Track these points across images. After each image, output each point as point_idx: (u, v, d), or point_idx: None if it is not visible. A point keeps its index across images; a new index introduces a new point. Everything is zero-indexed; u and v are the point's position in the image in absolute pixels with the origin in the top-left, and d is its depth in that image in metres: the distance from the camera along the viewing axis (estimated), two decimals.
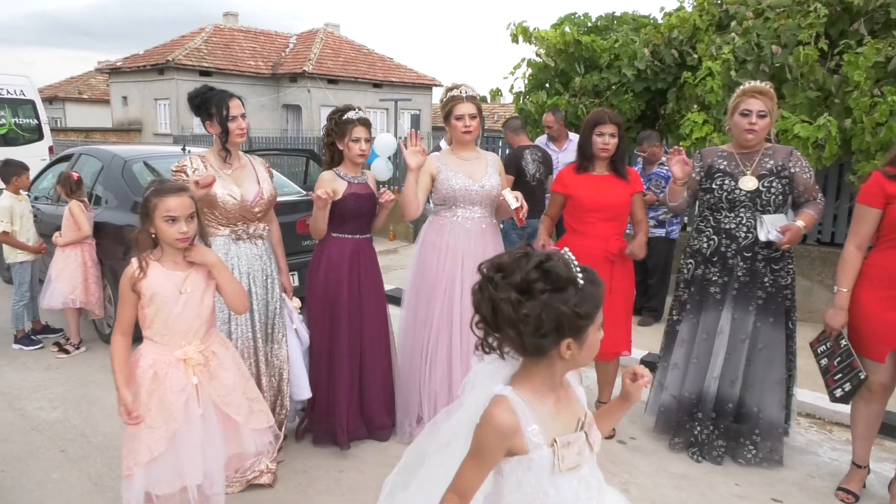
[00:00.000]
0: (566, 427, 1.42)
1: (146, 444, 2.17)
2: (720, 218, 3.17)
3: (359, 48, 26.15)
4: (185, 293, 2.25)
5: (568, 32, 7.03)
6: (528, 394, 1.38)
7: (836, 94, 5.14)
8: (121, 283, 2.24)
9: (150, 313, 2.22)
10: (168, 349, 2.24)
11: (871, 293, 2.72)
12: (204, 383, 2.27)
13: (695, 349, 3.27)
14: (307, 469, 3.16)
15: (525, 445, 1.35)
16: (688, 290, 3.32)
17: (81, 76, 31.70)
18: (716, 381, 3.18)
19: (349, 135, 3.17)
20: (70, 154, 5.89)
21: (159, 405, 2.19)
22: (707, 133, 5.59)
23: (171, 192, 2.22)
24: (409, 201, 3.20)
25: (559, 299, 1.29)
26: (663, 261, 5.43)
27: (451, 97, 3.23)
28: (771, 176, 3.07)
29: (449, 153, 3.35)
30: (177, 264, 2.27)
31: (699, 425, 3.28)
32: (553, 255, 1.34)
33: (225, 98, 2.92)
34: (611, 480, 3.09)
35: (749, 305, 3.13)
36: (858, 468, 2.97)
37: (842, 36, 5.24)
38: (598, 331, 1.38)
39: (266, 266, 3.07)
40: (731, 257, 3.15)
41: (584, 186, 3.36)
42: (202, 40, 23.25)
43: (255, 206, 2.99)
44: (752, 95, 3.04)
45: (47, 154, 9.55)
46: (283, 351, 3.12)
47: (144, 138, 23.32)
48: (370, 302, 3.32)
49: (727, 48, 5.57)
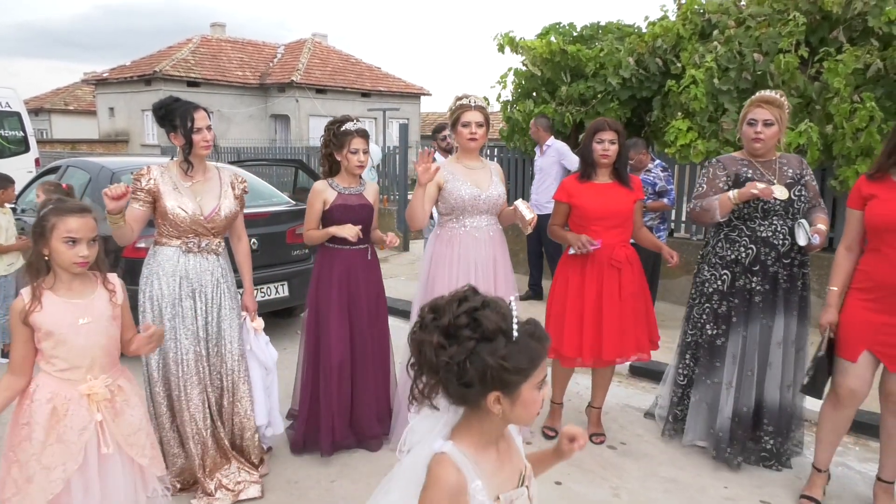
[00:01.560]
0: (508, 482, 1.37)
1: (40, 486, 1.98)
2: (754, 227, 3.16)
3: (347, 58, 26.21)
4: (85, 322, 2.04)
5: (553, 42, 7.11)
6: (469, 448, 1.32)
7: (816, 101, 5.24)
8: (11, 320, 2.03)
9: (48, 347, 2.01)
10: (70, 383, 2.03)
11: (853, 294, 2.80)
12: (108, 421, 2.07)
13: (746, 362, 3.21)
14: (298, 479, 3.16)
15: (467, 502, 1.29)
16: (726, 301, 3.23)
17: (68, 87, 31.51)
18: (789, 389, 3.23)
19: (348, 146, 3.19)
20: (57, 166, 5.86)
21: (57, 443, 1.99)
22: (691, 140, 5.67)
23: (74, 212, 2.01)
24: (417, 213, 3.18)
25: (486, 349, 1.24)
26: (651, 267, 5.47)
27: (460, 105, 3.26)
28: (796, 184, 3.15)
29: (454, 162, 3.36)
30: (72, 291, 2.05)
31: (770, 438, 3.28)
32: (492, 302, 1.29)
33: (190, 109, 2.84)
34: (601, 485, 3.14)
35: (793, 311, 3.19)
36: (819, 472, 3.00)
37: (821, 43, 5.35)
38: (535, 389, 1.30)
39: (218, 282, 2.96)
40: (771, 265, 3.15)
41: (588, 195, 3.36)
42: (189, 51, 23.21)
43: (208, 222, 2.91)
44: (759, 105, 3.09)
45: (33, 166, 9.48)
46: (240, 372, 3.02)
47: (131, 150, 23.20)
48: (365, 313, 3.31)
49: (710, 56, 5.65)
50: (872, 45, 5.03)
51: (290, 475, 3.19)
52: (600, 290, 3.34)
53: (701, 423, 3.40)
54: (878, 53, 4.99)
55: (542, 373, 1.30)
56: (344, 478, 3.17)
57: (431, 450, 1.32)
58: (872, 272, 2.72)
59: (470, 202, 3.24)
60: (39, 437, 2.00)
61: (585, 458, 3.42)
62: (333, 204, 3.22)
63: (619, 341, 3.35)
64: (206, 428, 2.93)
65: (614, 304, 3.35)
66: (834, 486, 3.11)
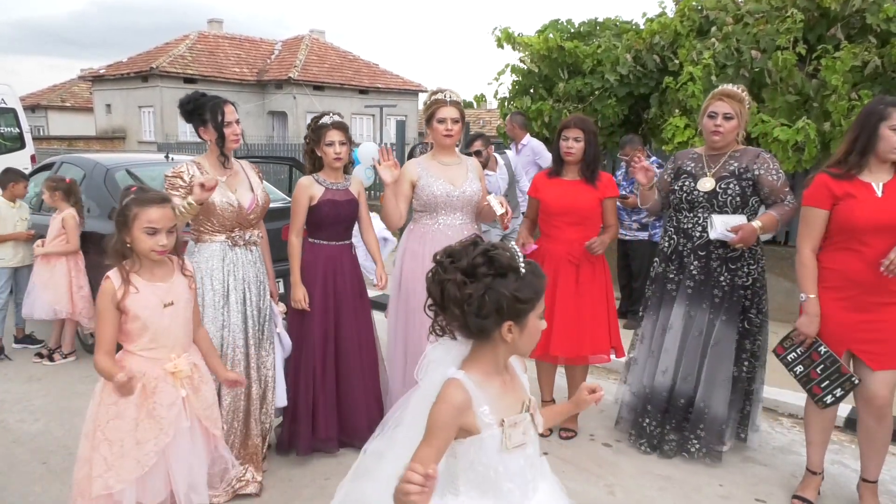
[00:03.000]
0: (512, 408, 1.53)
1: (135, 458, 2.11)
2: (680, 218, 3.27)
3: (344, 54, 26.15)
4: (169, 304, 2.18)
5: (551, 38, 7.08)
6: (477, 376, 1.49)
7: (814, 98, 5.22)
8: (98, 302, 2.15)
9: (136, 329, 2.15)
10: (155, 362, 2.17)
11: (825, 294, 2.73)
12: (190, 396, 2.22)
13: (652, 344, 3.36)
14: (292, 477, 3.15)
15: (477, 425, 1.46)
16: (650, 287, 3.43)
17: (64, 84, 31.38)
18: (664, 374, 3.26)
19: (324, 139, 3.18)
20: (51, 163, 5.83)
21: (148, 419, 2.13)
22: (689, 137, 5.65)
23: (154, 202, 2.14)
24: (390, 213, 3.22)
25: (501, 284, 1.41)
26: (647, 264, 5.46)
27: (435, 100, 3.24)
28: (731, 178, 3.12)
29: (430, 158, 3.34)
30: (154, 275, 2.20)
31: (648, 418, 3.37)
32: (499, 245, 1.46)
33: (220, 103, 2.91)
34: (596, 483, 3.13)
35: (703, 303, 3.19)
36: (813, 475, 2.98)
37: (819, 41, 5.33)
38: (538, 319, 1.48)
39: (259, 272, 3.06)
40: (686, 256, 3.24)
41: (553, 191, 3.44)
42: (186, 47, 23.14)
43: (250, 213, 2.98)
44: (720, 98, 3.12)
45: (29, 163, 9.43)
46: (270, 358, 3.10)
47: (128, 146, 23.13)
48: (349, 309, 3.30)
49: (708, 53, 5.63)
50: (870, 43, 5.02)
51: (283, 473, 3.18)
52: (555, 283, 3.37)
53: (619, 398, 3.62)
54: (876, 51, 4.98)
55: (543, 304, 1.49)
56: (338, 475, 3.13)
57: (444, 375, 1.49)
58: (846, 271, 2.67)
59: (443, 199, 3.23)
60: (132, 414, 2.12)
61: (580, 455, 3.42)
62: (321, 199, 3.20)
63: (569, 338, 3.37)
64: (238, 420, 2.95)
65: (567, 299, 3.39)
66: (829, 485, 3.11)
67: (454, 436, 1.47)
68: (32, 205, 5.58)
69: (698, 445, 3.26)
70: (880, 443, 2.81)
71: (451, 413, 1.44)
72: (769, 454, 3.44)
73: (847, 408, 3.57)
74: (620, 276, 5.75)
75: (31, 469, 3.23)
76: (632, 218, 5.54)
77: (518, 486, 1.52)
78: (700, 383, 3.20)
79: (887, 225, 2.59)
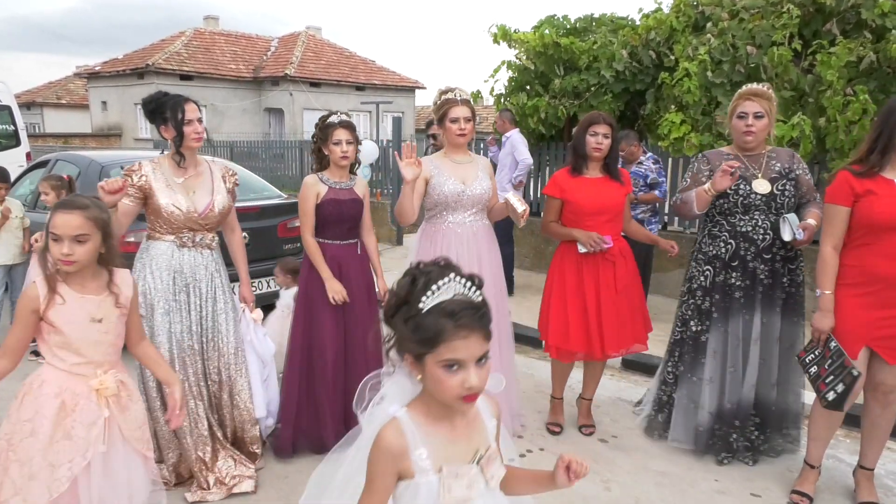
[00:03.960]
0: (461, 457, 1.38)
1: (44, 484, 1.92)
2: (734, 222, 3.14)
3: (341, 51, 26.09)
4: (98, 320, 2.00)
5: (547, 35, 7.07)
6: (420, 417, 1.36)
7: (810, 94, 5.23)
8: (19, 304, 1.99)
9: (58, 342, 1.97)
10: (79, 378, 2.00)
11: (844, 291, 2.74)
12: (115, 416, 2.04)
13: (729, 359, 3.19)
14: (288, 474, 3.15)
15: (412, 470, 1.33)
16: (708, 297, 3.22)
17: (60, 81, 31.30)
18: (752, 388, 3.20)
19: (331, 138, 3.17)
20: (46, 160, 5.81)
21: (64, 440, 1.95)
22: (685, 133, 5.66)
23: (63, 209, 1.95)
24: (406, 210, 3.16)
25: (402, 311, 1.32)
26: (643, 261, 5.46)
27: (446, 100, 3.23)
28: (782, 178, 3.10)
29: (442, 156, 3.34)
30: (85, 287, 2.00)
31: (736, 433, 3.24)
32: (431, 269, 1.33)
33: (180, 102, 2.84)
34: (592, 479, 3.13)
35: (775, 307, 3.16)
36: (811, 468, 3.00)
37: (815, 36, 5.34)
38: (441, 368, 1.28)
39: (212, 276, 2.96)
40: (750, 260, 3.13)
41: (582, 190, 3.34)
42: (182, 44, 23.05)
43: (202, 218, 2.91)
44: (748, 98, 3.07)
45: (24, 160, 9.40)
46: (238, 365, 3.03)
47: (125, 143, 23.06)
48: (357, 309, 3.28)
49: (703, 49, 5.64)
50: (866, 38, 5.02)
51: (279, 470, 3.17)
52: (598, 284, 3.34)
53: (682, 420, 3.36)
54: (872, 46, 4.98)
55: (450, 353, 1.27)
56: None
57: (387, 413, 1.38)
58: (867, 267, 2.68)
59: (453, 198, 3.23)
60: (47, 432, 1.94)
61: (576, 451, 3.40)
62: (324, 199, 3.19)
63: (619, 334, 3.36)
64: (202, 423, 2.93)
65: (611, 297, 3.35)
66: (824, 478, 3.12)
67: (394, 482, 1.36)
68: (27, 202, 5.57)
69: (782, 442, 3.34)
70: (883, 430, 2.83)
71: (386, 459, 1.34)
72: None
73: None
74: None
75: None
76: None
77: None
78: (779, 386, 3.23)
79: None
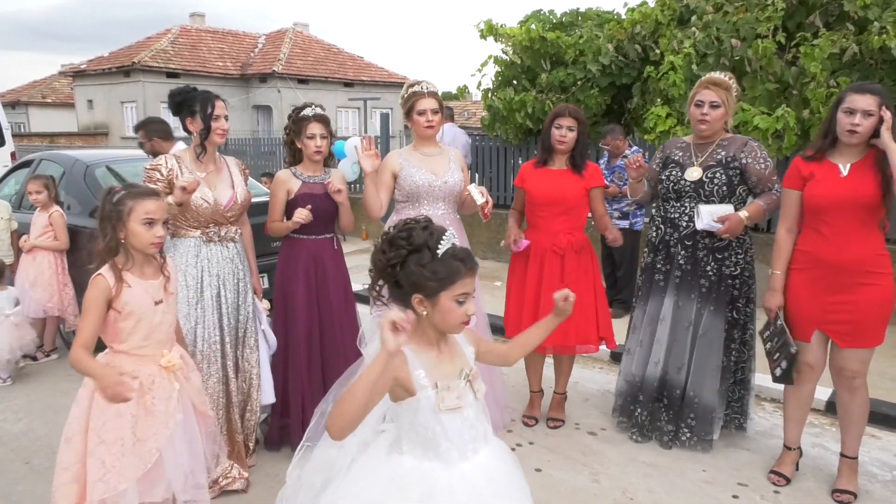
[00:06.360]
0: (449, 375, 1.66)
1: (137, 457, 2.11)
2: (668, 207, 3.27)
3: (328, 47, 25.95)
4: (160, 301, 2.20)
5: (534, 29, 7.08)
6: (412, 345, 1.62)
7: (793, 86, 5.27)
8: (88, 297, 2.11)
9: (128, 327, 2.15)
10: (148, 359, 2.19)
11: (797, 275, 2.84)
12: (184, 386, 2.26)
13: (641, 334, 3.39)
14: (279, 472, 3.14)
15: (413, 387, 1.61)
16: (641, 277, 3.43)
17: (45, 79, 30.96)
18: (656, 366, 3.28)
19: (304, 132, 3.15)
20: (31, 160, 5.76)
21: (147, 416, 2.14)
22: (671, 126, 5.68)
23: (148, 195, 2.19)
24: (371, 203, 3.20)
25: (413, 258, 1.57)
26: (629, 252, 5.50)
27: (413, 93, 3.24)
28: (718, 167, 3.13)
29: (411, 150, 3.35)
30: (144, 273, 2.21)
31: (640, 407, 3.39)
32: (431, 227, 1.61)
33: (211, 97, 2.91)
34: (581, 471, 3.16)
35: (691, 293, 3.20)
36: (789, 450, 3.05)
37: (798, 29, 5.37)
38: (453, 301, 1.59)
39: (237, 269, 3.03)
40: (672, 245, 3.24)
41: (539, 181, 3.42)
42: (169, 41, 22.86)
43: (228, 211, 2.96)
44: (706, 87, 3.12)
45: (9, 160, 9.30)
46: (254, 356, 3.08)
47: (112, 142, 22.87)
48: (333, 304, 3.28)
49: (688, 42, 5.66)
50: (848, 30, 5.06)
51: (269, 468, 3.17)
52: (540, 275, 3.39)
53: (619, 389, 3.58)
54: (854, 38, 5.02)
55: (462, 289, 1.60)
56: None
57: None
58: (813, 252, 2.76)
59: (425, 189, 3.23)
60: (132, 412, 2.11)
61: (565, 444, 3.45)
62: (298, 193, 3.18)
63: (561, 328, 3.34)
64: (218, 417, 2.93)
65: (552, 290, 3.34)
66: (809, 466, 3.16)
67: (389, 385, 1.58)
68: (12, 203, 5.52)
69: (689, 434, 3.29)
70: (856, 416, 2.87)
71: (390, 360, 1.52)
72: (752, 439, 3.47)
73: (828, 391, 3.62)
74: (604, 265, 5.75)
75: (14, 468, 3.21)
76: (612, 207, 5.55)
77: (456, 447, 1.64)
78: (690, 374, 3.23)
79: (844, 202, 2.66)
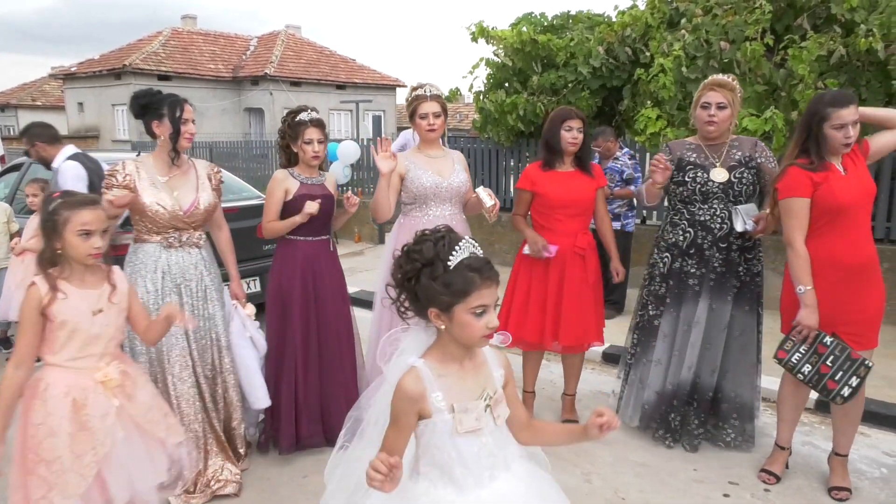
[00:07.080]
0: (469, 394, 1.59)
1: (76, 473, 2.04)
2: (694, 210, 3.22)
3: (321, 50, 25.94)
4: (99, 312, 2.11)
5: (525, 32, 7.11)
6: (434, 362, 1.57)
7: (782, 88, 5.31)
8: (23, 307, 2.04)
9: (62, 337, 2.06)
10: (83, 373, 2.09)
11: (815, 282, 2.79)
12: (124, 404, 2.15)
13: (677, 342, 3.29)
14: (270, 476, 3.15)
15: (430, 410, 1.55)
16: (665, 283, 3.32)
17: (35, 82, 30.82)
18: (690, 370, 3.25)
19: (302, 137, 3.15)
20: (20, 163, 5.74)
21: (82, 431, 2.06)
22: (661, 128, 5.72)
23: (85, 205, 2.08)
24: (382, 205, 3.19)
25: (427, 271, 1.52)
26: (621, 254, 5.51)
27: (416, 96, 3.26)
28: (741, 167, 3.15)
29: (416, 152, 3.37)
30: (85, 282, 2.12)
31: (674, 413, 3.35)
32: (442, 236, 1.53)
33: (180, 100, 2.84)
34: (573, 471, 3.17)
35: (727, 295, 3.20)
36: (781, 450, 3.09)
37: (787, 31, 5.42)
38: (470, 314, 1.50)
39: (202, 275, 2.96)
40: (706, 248, 3.20)
41: (552, 183, 3.40)
42: (160, 44, 22.78)
43: (188, 216, 2.88)
44: (712, 88, 3.13)
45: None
46: (226, 360, 3.03)
47: (102, 145, 22.76)
48: (329, 306, 3.28)
49: (678, 45, 5.70)
50: (836, 32, 5.11)
51: (261, 472, 3.17)
52: (563, 275, 3.40)
53: (633, 399, 3.51)
54: (841, 40, 5.07)
55: (479, 301, 1.51)
56: (316, 473, 3.16)
57: (406, 364, 1.58)
58: (829, 256, 2.74)
59: (432, 190, 3.25)
60: (66, 429, 2.04)
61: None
62: (297, 193, 3.17)
63: (577, 326, 3.41)
64: (197, 422, 2.91)
65: (576, 289, 3.41)
66: (799, 464, 3.19)
67: (416, 419, 1.56)
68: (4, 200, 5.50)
69: (734, 434, 3.32)
70: (852, 416, 2.90)
71: (406, 403, 1.54)
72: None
73: None
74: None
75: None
76: None
77: (472, 473, 1.58)
78: (727, 374, 3.26)
79: (859, 199, 2.71)
